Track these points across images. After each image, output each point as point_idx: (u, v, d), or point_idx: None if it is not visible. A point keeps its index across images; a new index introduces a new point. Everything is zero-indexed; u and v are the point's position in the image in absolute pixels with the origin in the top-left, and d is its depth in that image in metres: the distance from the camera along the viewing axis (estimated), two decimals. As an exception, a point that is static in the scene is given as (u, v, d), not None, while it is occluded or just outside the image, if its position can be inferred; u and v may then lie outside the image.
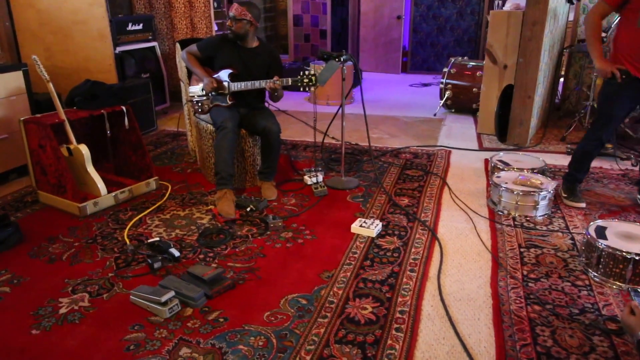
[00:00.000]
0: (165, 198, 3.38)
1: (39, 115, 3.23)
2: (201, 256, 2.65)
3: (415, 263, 2.55)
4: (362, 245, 2.74)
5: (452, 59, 5.72)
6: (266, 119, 3.30)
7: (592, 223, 2.57)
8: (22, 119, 3.19)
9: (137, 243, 2.79)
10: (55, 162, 3.11)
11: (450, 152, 4.38)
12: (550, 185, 3.06)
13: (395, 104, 6.23)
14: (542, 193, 3.00)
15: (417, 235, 2.84)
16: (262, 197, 3.36)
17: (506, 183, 3.13)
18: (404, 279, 2.40)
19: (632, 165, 3.96)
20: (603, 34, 3.60)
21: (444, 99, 5.66)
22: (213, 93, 3.38)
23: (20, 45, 4.30)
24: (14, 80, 3.65)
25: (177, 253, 2.60)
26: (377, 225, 2.88)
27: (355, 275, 2.45)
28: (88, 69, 4.23)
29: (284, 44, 8.26)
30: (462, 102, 5.62)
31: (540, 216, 3.03)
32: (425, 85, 7.69)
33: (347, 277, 2.43)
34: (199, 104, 3.48)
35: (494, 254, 2.62)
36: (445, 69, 5.64)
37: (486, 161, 4.12)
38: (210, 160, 3.58)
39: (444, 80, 5.62)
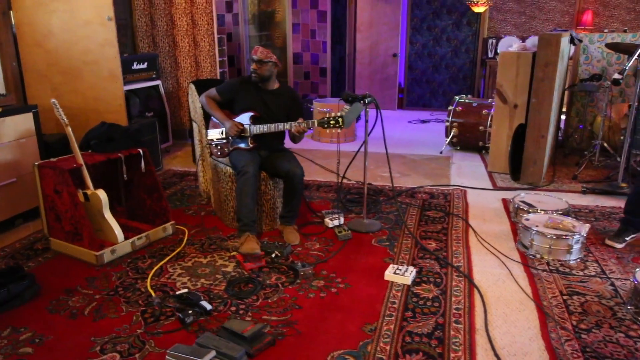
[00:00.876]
0: (183, 244, 3.25)
1: (54, 160, 3.10)
2: (233, 308, 2.52)
3: (459, 313, 2.45)
4: (399, 294, 2.64)
5: (457, 98, 5.77)
6: (289, 161, 3.23)
7: (638, 270, 2.52)
8: (36, 163, 3.06)
9: (161, 294, 2.65)
10: (71, 208, 2.97)
11: (465, 191, 4.34)
12: (583, 228, 3.02)
13: (399, 142, 6.23)
14: (575, 237, 2.96)
15: (454, 283, 2.75)
16: (284, 242, 3.25)
17: (537, 226, 3.08)
18: (451, 332, 2.30)
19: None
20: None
21: (450, 137, 5.68)
22: (233, 136, 3.31)
23: (27, 85, 4.19)
24: (24, 122, 3.53)
25: (208, 306, 2.46)
26: (412, 272, 2.79)
27: (400, 328, 2.34)
28: (97, 109, 4.13)
29: (281, 82, 8.28)
30: (468, 140, 5.64)
31: (573, 260, 2.98)
32: (424, 121, 7.75)
33: (392, 330, 2.32)
34: (218, 148, 3.40)
35: (537, 303, 2.54)
36: (451, 107, 5.68)
37: (504, 201, 4.09)
38: (228, 203, 3.47)
39: (449, 119, 5.65)
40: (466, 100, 5.70)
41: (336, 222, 3.54)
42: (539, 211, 3.39)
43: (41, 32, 4.05)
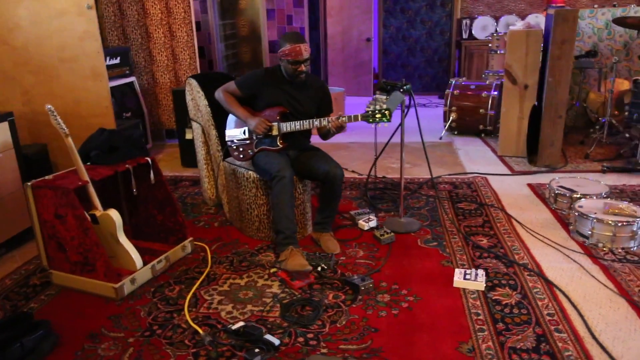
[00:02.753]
0: (209, 264, 2.83)
1: (50, 177, 2.59)
2: (300, 339, 2.16)
3: (555, 320, 2.21)
4: (477, 303, 2.37)
5: (453, 81, 5.57)
6: (327, 161, 2.87)
7: None
8: (29, 183, 2.54)
9: (209, 330, 2.24)
10: (80, 234, 2.48)
11: (486, 179, 4.14)
12: (647, 213, 2.86)
13: (391, 129, 5.95)
14: (638, 222, 2.79)
15: (530, 284, 2.51)
16: (323, 251, 2.91)
17: (595, 213, 2.90)
18: (559, 344, 2.05)
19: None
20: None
21: (449, 122, 5.47)
22: (259, 136, 2.91)
23: (-11, 89, 3.57)
24: (-1, 133, 2.97)
25: (275, 341, 2.09)
26: (482, 275, 2.53)
27: (500, 344, 2.06)
28: (79, 113, 3.58)
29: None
30: (467, 124, 5.45)
31: (636, 247, 2.82)
32: (407, 107, 7.52)
33: (492, 348, 2.04)
34: (240, 150, 2.98)
35: (629, 299, 2.34)
36: (448, 91, 5.47)
37: (531, 186, 3.91)
38: (251, 212, 3.07)
39: (447, 103, 5.44)
40: (462, 83, 5.50)
41: (372, 224, 3.23)
42: (590, 196, 3.21)
43: (5, 25, 3.44)
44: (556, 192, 3.40)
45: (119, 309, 2.43)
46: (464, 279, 2.50)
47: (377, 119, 2.73)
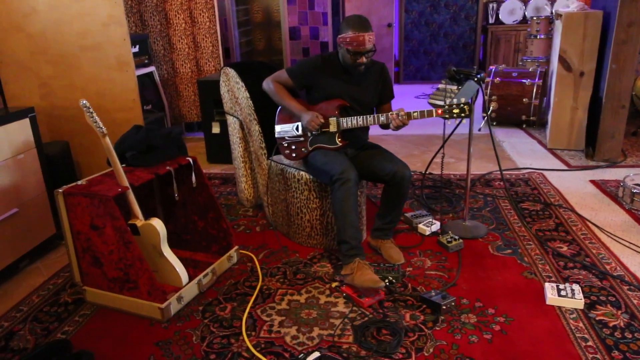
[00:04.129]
0: (261, 278, 2.52)
1: (83, 182, 2.27)
2: (386, 372, 1.85)
3: (681, 347, 1.90)
4: (579, 325, 2.06)
5: (493, 68, 5.21)
6: (392, 160, 2.54)
7: None
8: (61, 190, 2.21)
9: (274, 359, 1.94)
10: (120, 248, 2.17)
11: (543, 175, 3.81)
12: None
13: (420, 121, 5.62)
14: None
15: (635, 301, 2.20)
16: (386, 261, 2.59)
17: (693, 217, 2.58)
18: (695, 378, 1.74)
19: None
20: None
21: (489, 112, 5.13)
22: (315, 132, 2.58)
23: (4, 82, 3.24)
24: (19, 132, 2.65)
25: (361, 376, 1.78)
26: (579, 291, 2.21)
27: (624, 379, 1.76)
28: (103, 107, 3.24)
29: (277, 60, 7.44)
30: (509, 115, 5.11)
31: None
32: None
33: (617, 384, 1.74)
34: (292, 148, 2.66)
35: None
36: (488, 79, 5.12)
37: (595, 183, 3.59)
38: (302, 217, 2.75)
39: (487, 92, 5.09)
40: (504, 70, 5.15)
41: (434, 228, 2.91)
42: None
43: (20, 10, 3.10)
44: (633, 190, 3.08)
45: (166, 333, 2.12)
46: (559, 295, 2.19)
47: (455, 115, 2.40)
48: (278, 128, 2.69)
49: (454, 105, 2.39)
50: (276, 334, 2.09)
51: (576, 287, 2.24)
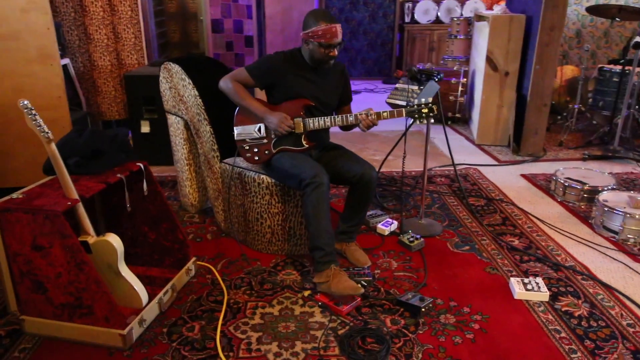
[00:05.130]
0: (226, 292, 2.34)
1: (19, 196, 1.94)
2: (381, 383, 1.80)
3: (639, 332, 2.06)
4: (549, 317, 2.16)
5: (419, 66, 5.35)
6: (358, 161, 2.48)
7: None
8: (-8, 206, 1.87)
9: (263, 381, 1.80)
10: (71, 270, 1.89)
11: (478, 170, 3.99)
12: (673, 205, 2.84)
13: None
14: (667, 215, 2.76)
15: (591, 289, 2.36)
16: (353, 265, 2.54)
17: (624, 208, 2.82)
18: (660, 360, 1.90)
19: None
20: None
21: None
22: (278, 134, 2.44)
23: None
24: None
25: (361, 391, 1.71)
26: (542, 284, 2.32)
27: (602, 367, 1.87)
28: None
29: (190, 53, 7.05)
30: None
31: (663, 240, 2.79)
32: (355, 92, 7.27)
33: (597, 373, 1.84)
34: (255, 151, 2.50)
35: (694, 300, 2.26)
36: (416, 77, 5.25)
37: (526, 177, 3.83)
38: (262, 222, 2.62)
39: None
40: (430, 68, 5.31)
41: (393, 227, 2.91)
42: (603, 188, 3.16)
43: None
44: (566, 184, 3.32)
45: (131, 363, 1.89)
46: (526, 289, 2.28)
47: (424, 115, 2.40)
48: (238, 130, 2.52)
49: (422, 105, 2.39)
50: (257, 352, 1.95)
51: (539, 280, 2.35)
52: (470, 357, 1.92)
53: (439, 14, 7.98)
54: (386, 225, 2.90)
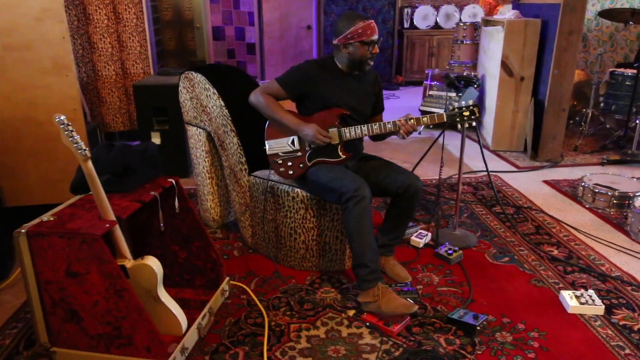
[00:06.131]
0: (265, 314, 2.21)
1: (50, 218, 1.80)
2: (449, 411, 1.68)
3: None
4: (608, 332, 2.07)
5: (429, 72, 5.30)
6: (402, 172, 2.38)
7: None
8: (23, 230, 1.72)
9: (323, 413, 1.68)
10: (110, 297, 1.75)
11: (500, 177, 3.92)
12: None
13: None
14: None
15: (644, 301, 2.28)
16: (393, 280, 2.43)
17: (664, 214, 2.76)
18: None
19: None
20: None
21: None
22: (313, 146, 2.33)
23: None
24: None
25: (434, 422, 1.59)
26: (595, 296, 2.24)
27: (676, 386, 1.78)
28: (35, 119, 2.68)
29: (192, 62, 6.91)
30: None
31: (703, 246, 2.73)
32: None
33: (673, 392, 1.75)
34: (289, 165, 2.38)
35: None
36: (426, 83, 5.20)
37: (549, 184, 3.76)
38: (296, 238, 2.49)
39: (427, 94, 5.17)
40: (439, 74, 5.25)
41: (426, 239, 2.81)
42: (635, 195, 3.10)
43: None
44: (596, 190, 3.25)
45: (178, 397, 1.75)
46: (580, 303, 2.19)
47: (465, 118, 2.30)
48: (270, 144, 2.39)
49: (463, 109, 2.30)
50: (310, 381, 1.82)
51: (592, 292, 2.26)
52: (537, 378, 1.82)
53: (437, 19, 7.96)
54: (420, 237, 2.80)
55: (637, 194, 3.12)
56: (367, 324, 2.12)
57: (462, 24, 5.70)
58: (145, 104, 3.73)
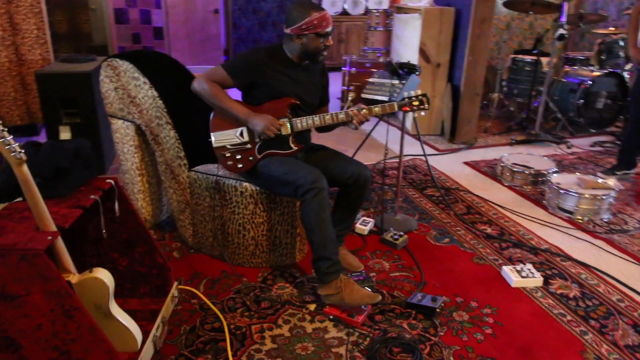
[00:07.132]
0: (222, 318, 2.09)
1: (-26, 234, 1.53)
2: (426, 396, 1.72)
3: (632, 306, 2.21)
4: (549, 302, 2.24)
5: (348, 58, 5.33)
6: (350, 162, 2.35)
7: None
8: (-59, 250, 1.45)
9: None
10: (57, 319, 1.54)
11: (424, 161, 4.07)
12: (617, 184, 3.10)
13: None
14: (611, 194, 3.02)
15: (573, 270, 2.49)
16: (347, 270, 2.43)
17: (577, 189, 3.04)
18: (657, 331, 2.05)
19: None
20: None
21: (348, 102, 5.26)
22: (263, 138, 2.22)
23: None
24: None
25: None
26: (533, 269, 2.41)
27: (613, 344, 1.97)
28: None
29: (91, 47, 6.32)
30: (367, 103, 5.30)
31: (607, 218, 3.05)
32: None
33: (613, 351, 1.93)
34: (238, 158, 2.25)
35: (659, 270, 2.50)
36: (345, 69, 5.23)
37: (469, 165, 3.98)
38: (244, 235, 2.39)
39: (346, 82, 5.21)
40: (358, 60, 5.31)
41: (370, 226, 2.84)
42: (548, 172, 3.37)
43: None
44: (513, 169, 3.50)
45: (143, 419, 1.60)
46: (522, 277, 2.34)
47: (415, 107, 2.33)
48: (216, 136, 2.24)
49: (413, 98, 2.33)
50: (285, 383, 1.76)
51: (529, 266, 2.43)
52: (499, 353, 1.92)
53: (345, 6, 8.04)
54: (364, 225, 2.82)
55: (550, 171, 3.40)
56: (331, 317, 2.09)
57: (374, 11, 5.80)
58: (51, 95, 3.33)
